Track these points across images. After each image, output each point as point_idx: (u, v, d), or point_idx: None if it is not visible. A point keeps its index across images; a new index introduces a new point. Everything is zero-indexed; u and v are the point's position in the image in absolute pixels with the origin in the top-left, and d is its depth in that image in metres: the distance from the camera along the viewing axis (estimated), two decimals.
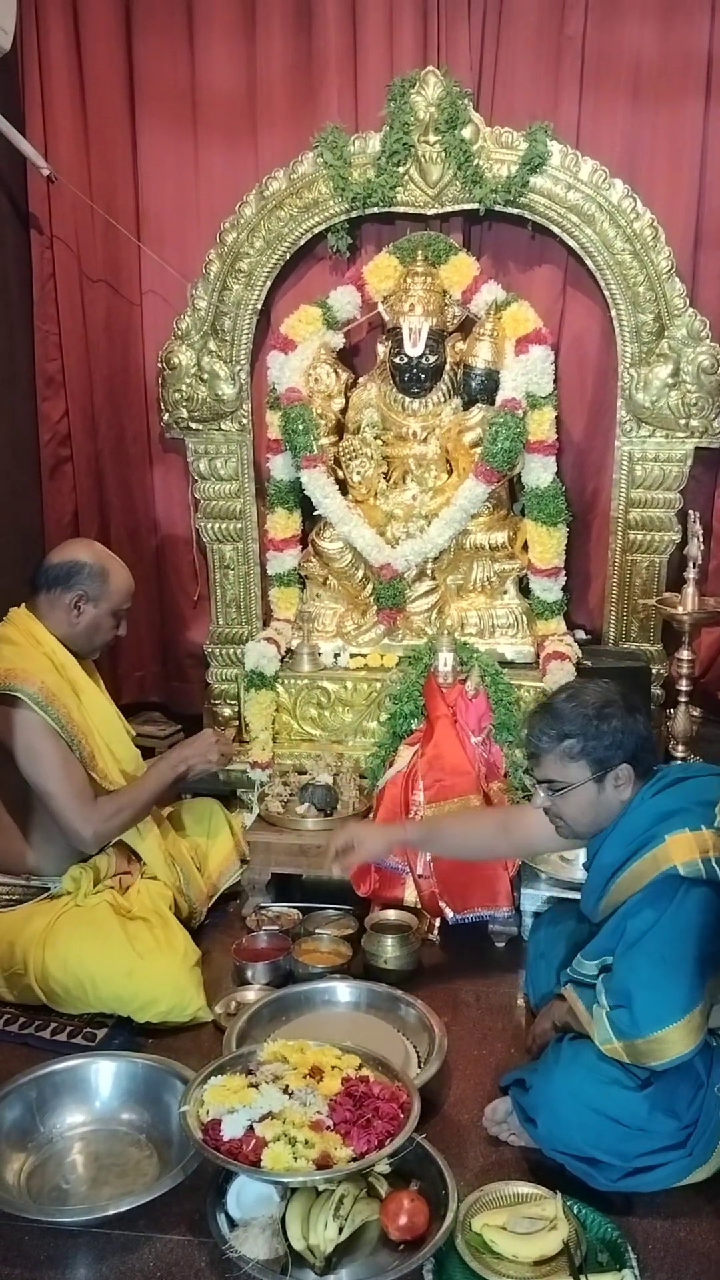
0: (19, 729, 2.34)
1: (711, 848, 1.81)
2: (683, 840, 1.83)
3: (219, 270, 3.25)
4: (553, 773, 1.97)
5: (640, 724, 1.97)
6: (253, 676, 3.14)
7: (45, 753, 2.34)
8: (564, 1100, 1.79)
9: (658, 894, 1.83)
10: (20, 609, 2.52)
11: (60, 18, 3.27)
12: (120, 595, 2.57)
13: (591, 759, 1.93)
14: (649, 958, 1.79)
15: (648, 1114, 1.77)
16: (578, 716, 1.95)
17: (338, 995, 2.31)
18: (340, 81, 3.22)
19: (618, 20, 3.08)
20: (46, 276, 3.43)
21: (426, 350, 3.17)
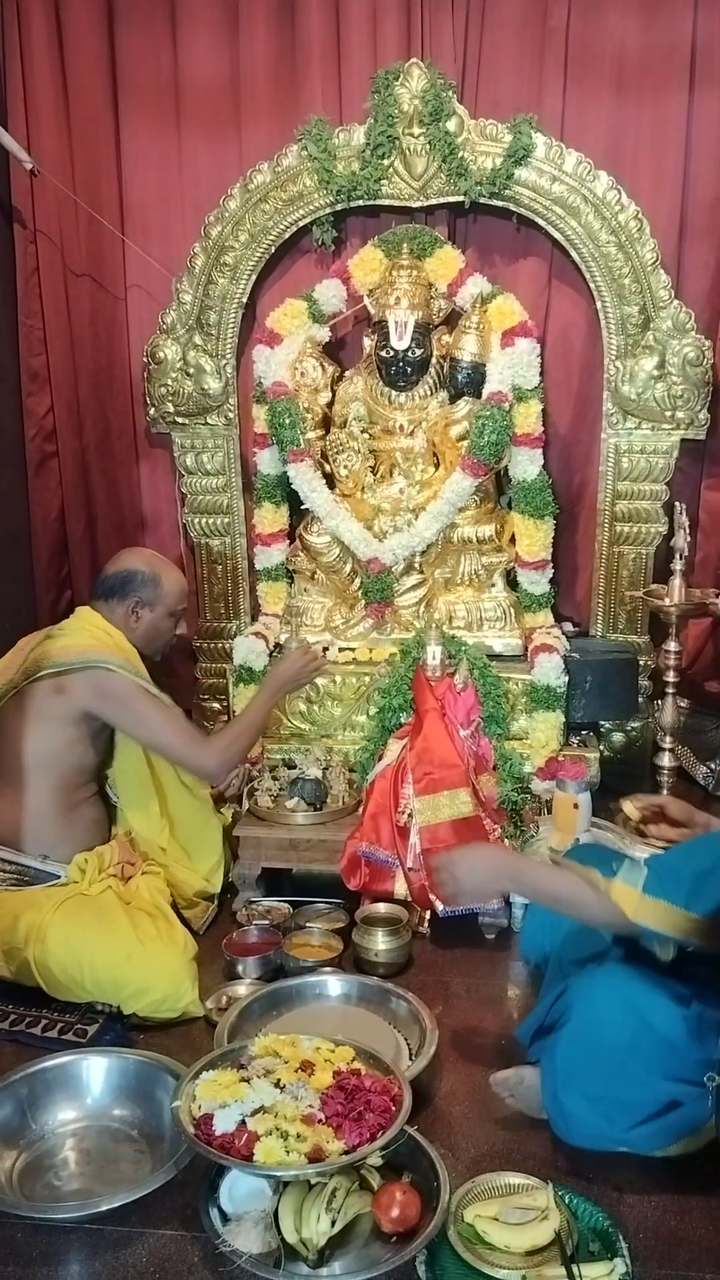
0: (118, 695, 2.46)
1: None
2: None
3: (204, 264, 3.24)
4: None
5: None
6: (241, 671, 3.14)
7: (146, 710, 2.48)
8: (604, 993, 1.80)
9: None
10: (85, 607, 2.65)
11: (42, 10, 3.24)
12: (174, 597, 2.70)
13: None
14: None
15: (686, 1032, 1.76)
16: None
17: (329, 989, 2.31)
18: (324, 74, 3.21)
19: (601, 12, 3.08)
20: (30, 271, 3.41)
21: (412, 344, 3.16)
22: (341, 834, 2.70)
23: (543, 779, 2.91)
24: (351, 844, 2.66)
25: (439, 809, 2.62)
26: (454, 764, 2.67)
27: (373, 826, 2.65)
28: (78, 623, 2.60)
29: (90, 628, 2.57)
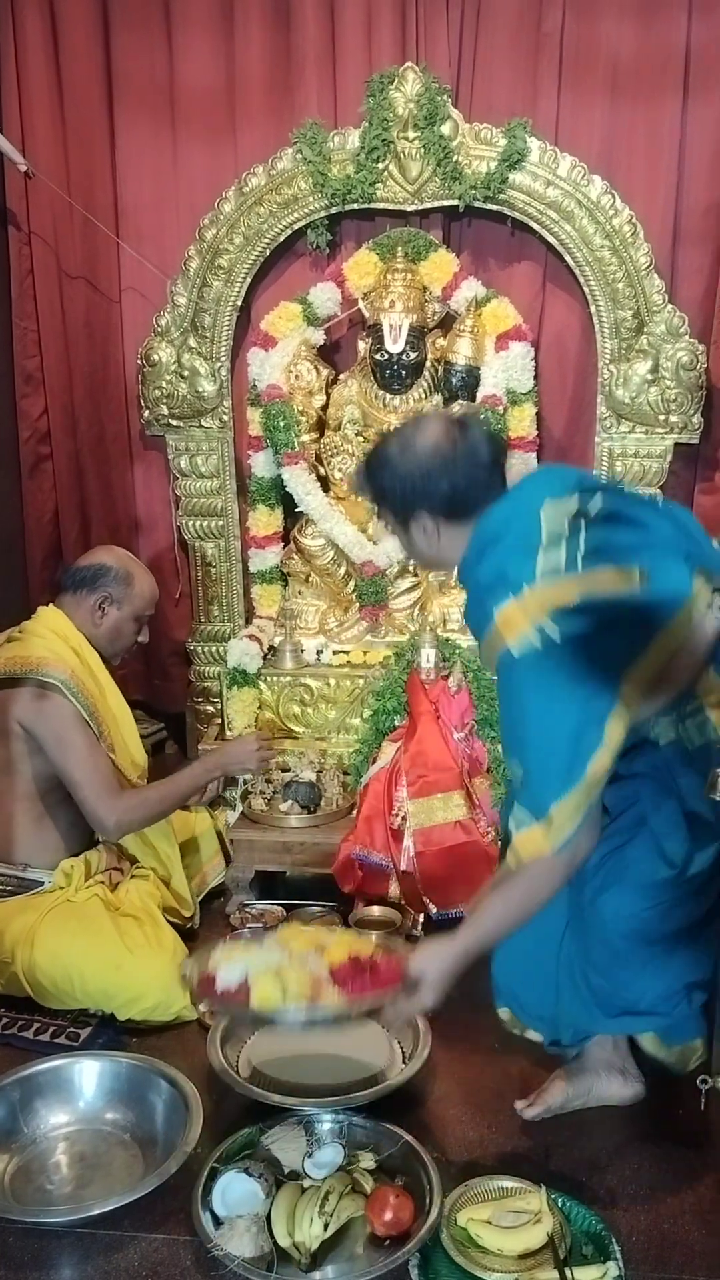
0: (49, 716, 2.38)
1: (537, 608, 1.66)
2: (508, 614, 1.69)
3: (199, 267, 3.24)
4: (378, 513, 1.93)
5: (457, 473, 1.78)
6: (235, 674, 3.14)
7: (74, 741, 2.39)
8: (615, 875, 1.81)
9: (504, 683, 1.74)
10: (48, 607, 2.58)
11: (37, 12, 3.24)
12: (143, 600, 2.64)
13: (389, 507, 1.85)
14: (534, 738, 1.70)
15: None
16: (382, 463, 1.83)
17: None
18: (319, 77, 3.21)
19: (596, 16, 3.08)
20: (25, 273, 3.41)
21: (407, 347, 3.16)
22: (335, 837, 2.70)
23: None
24: (345, 847, 2.66)
25: (433, 812, 2.62)
26: (448, 767, 2.67)
27: (367, 829, 2.65)
28: (36, 627, 2.53)
29: (48, 634, 2.50)
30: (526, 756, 1.73)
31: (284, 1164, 1.78)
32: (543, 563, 1.68)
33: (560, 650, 1.65)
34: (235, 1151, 1.82)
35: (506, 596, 1.68)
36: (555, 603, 1.66)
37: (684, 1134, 1.95)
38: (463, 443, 1.81)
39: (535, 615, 1.66)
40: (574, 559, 1.68)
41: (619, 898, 1.81)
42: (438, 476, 1.79)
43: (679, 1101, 2.01)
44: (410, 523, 1.84)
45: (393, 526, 1.90)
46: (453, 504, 1.80)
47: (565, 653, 1.65)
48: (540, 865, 1.70)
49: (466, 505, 1.80)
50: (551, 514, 1.73)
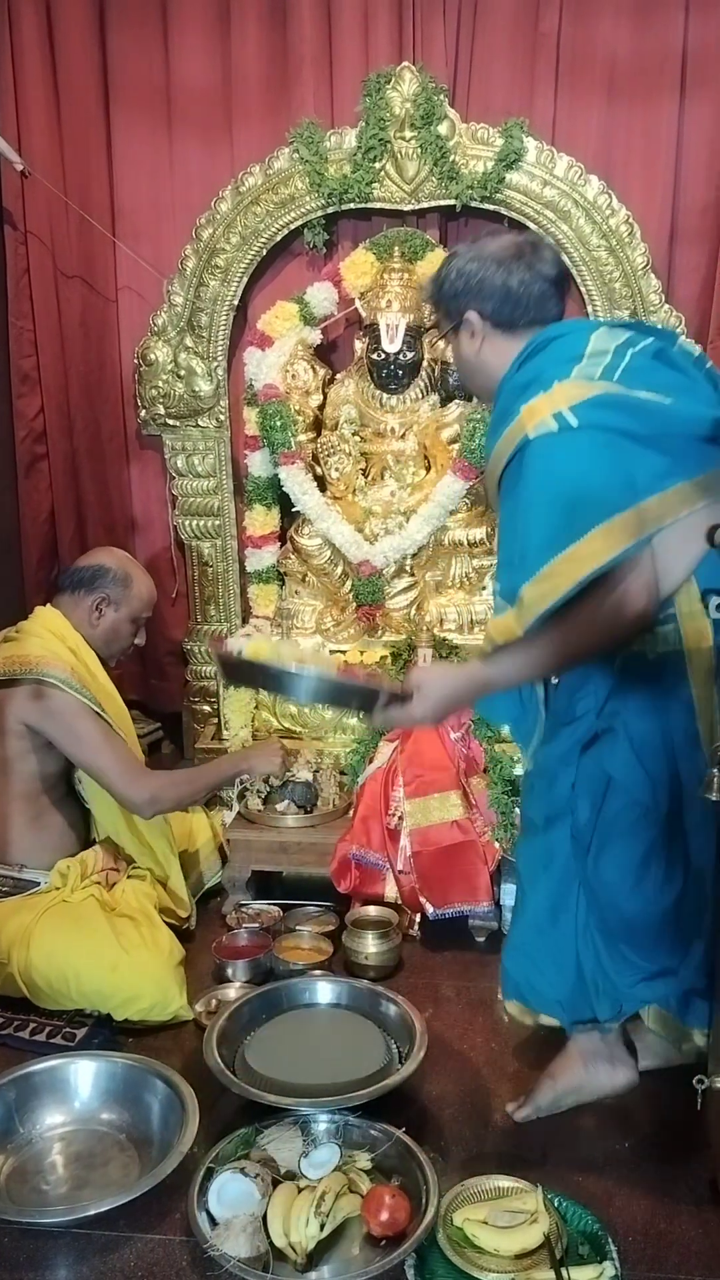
0: (56, 712, 2.38)
1: (563, 399, 1.65)
2: (534, 405, 1.67)
3: (195, 266, 3.24)
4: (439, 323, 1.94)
5: (515, 275, 1.79)
6: None
7: (86, 731, 2.40)
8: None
9: (510, 476, 1.72)
10: (46, 607, 2.58)
11: (33, 10, 3.24)
12: (141, 603, 2.64)
13: (442, 308, 1.87)
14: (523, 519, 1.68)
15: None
16: (450, 259, 1.86)
17: (318, 992, 2.30)
18: (316, 77, 3.21)
19: (593, 17, 3.09)
20: (21, 272, 3.41)
21: (404, 346, 3.17)
22: (332, 837, 2.70)
23: None
24: (342, 847, 2.65)
25: (429, 812, 2.62)
26: (445, 767, 2.67)
27: (363, 829, 2.65)
28: (33, 626, 2.53)
29: (44, 633, 2.50)
30: (514, 540, 1.71)
31: (280, 1164, 1.77)
32: (579, 369, 1.68)
33: (574, 436, 1.63)
34: (231, 1152, 1.81)
35: (536, 394, 1.68)
36: (581, 396, 1.65)
37: (680, 1134, 1.95)
38: (530, 253, 1.82)
39: (558, 404, 1.65)
40: (611, 371, 1.68)
41: (613, 857, 1.84)
42: (496, 272, 1.80)
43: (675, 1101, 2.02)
44: (460, 327, 1.85)
45: (449, 341, 1.93)
46: (504, 306, 1.80)
47: (579, 441, 1.63)
48: (578, 613, 1.64)
49: (518, 314, 1.80)
50: (601, 337, 1.74)
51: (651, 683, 1.78)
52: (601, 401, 1.66)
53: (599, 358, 1.70)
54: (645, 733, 1.80)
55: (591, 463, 1.64)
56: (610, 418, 1.65)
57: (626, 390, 1.68)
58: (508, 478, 1.76)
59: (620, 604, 1.64)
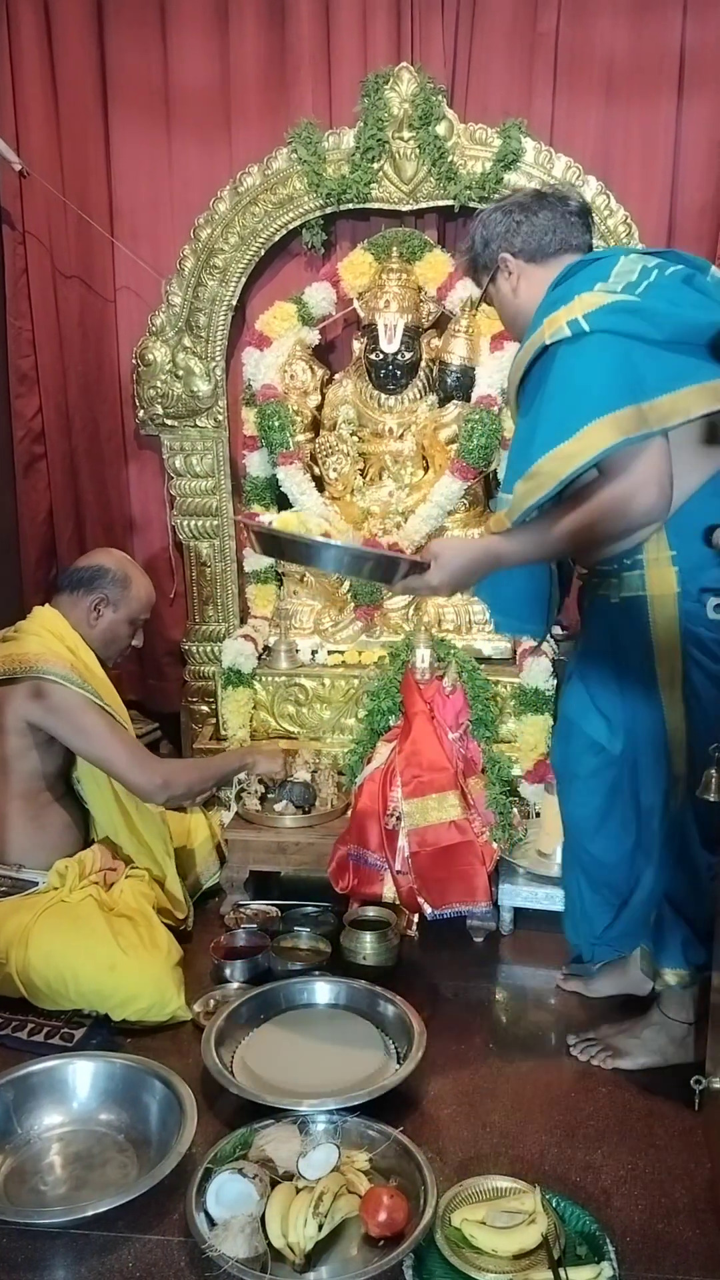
0: (60, 709, 2.39)
1: (580, 308, 1.72)
2: (554, 316, 1.76)
3: (193, 266, 3.24)
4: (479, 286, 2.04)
5: (540, 214, 1.92)
6: (230, 674, 3.14)
7: (92, 724, 2.40)
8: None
9: (534, 379, 1.80)
10: (44, 607, 2.58)
11: (31, 10, 3.24)
12: (139, 604, 2.65)
13: (479, 265, 1.99)
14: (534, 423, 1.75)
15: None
16: (480, 219, 1.98)
17: (316, 992, 2.31)
18: (314, 77, 3.21)
19: (591, 17, 3.09)
20: (19, 272, 3.40)
21: (402, 347, 3.17)
22: (330, 837, 2.70)
23: (531, 782, 2.92)
24: (340, 847, 2.65)
25: (427, 812, 2.62)
26: (443, 767, 2.66)
27: (361, 830, 2.65)
28: (31, 625, 2.52)
29: (43, 632, 2.50)
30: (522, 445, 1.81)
31: (278, 1164, 1.77)
32: (602, 285, 1.75)
33: (584, 340, 1.70)
34: (229, 1152, 1.81)
35: (558, 308, 1.75)
36: (596, 304, 1.72)
37: (678, 1134, 1.95)
38: (552, 194, 1.97)
39: (574, 312, 1.72)
40: (633, 287, 1.74)
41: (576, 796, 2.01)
42: (520, 214, 1.93)
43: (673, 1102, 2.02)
44: (498, 273, 1.97)
45: (492, 297, 2.03)
46: (532, 239, 1.92)
47: (588, 344, 1.70)
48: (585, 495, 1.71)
49: (546, 242, 1.92)
50: (631, 259, 1.81)
51: (613, 627, 1.86)
52: (615, 308, 1.71)
53: (624, 276, 1.77)
54: (601, 676, 1.90)
55: (595, 363, 1.70)
56: (622, 322, 1.70)
57: (644, 302, 1.73)
58: (525, 387, 1.84)
59: (630, 495, 1.68)
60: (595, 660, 1.94)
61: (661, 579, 1.78)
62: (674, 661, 1.81)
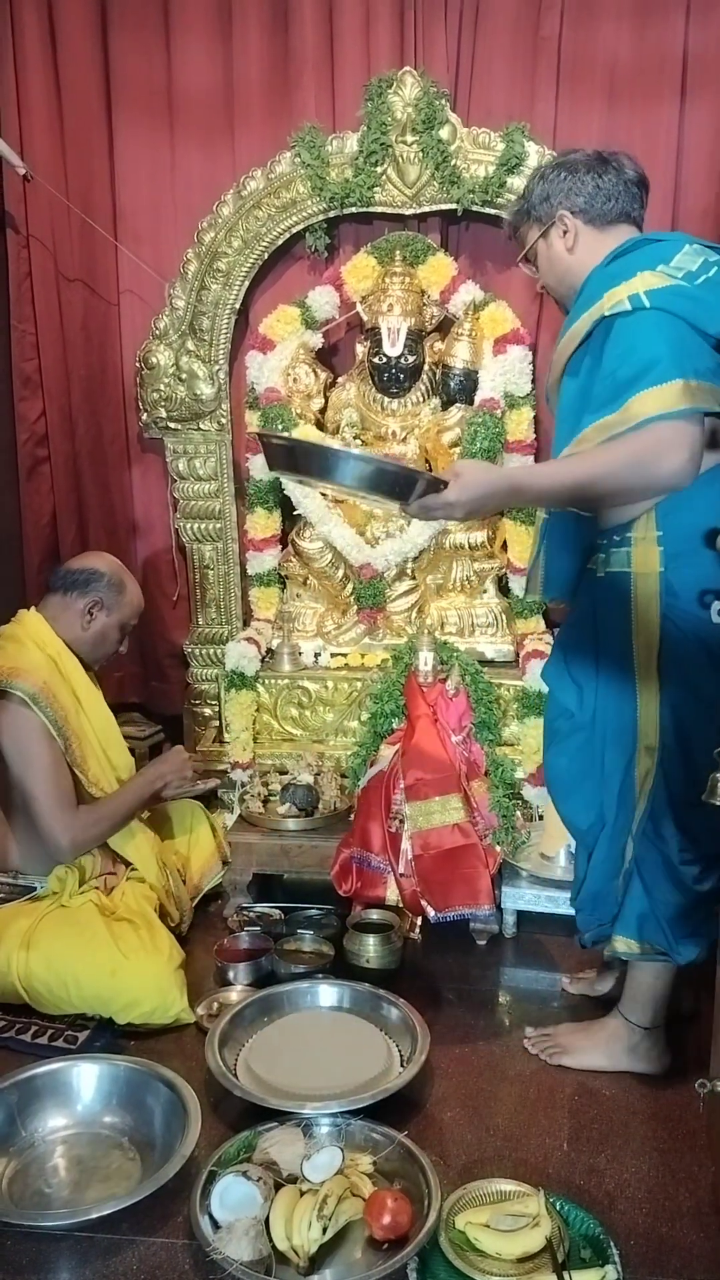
0: (12, 727, 2.35)
1: (640, 284, 1.75)
2: (614, 291, 1.78)
3: (197, 270, 3.24)
4: (524, 240, 2.05)
5: (604, 177, 1.94)
6: (233, 676, 3.14)
7: (36, 755, 2.36)
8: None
9: (591, 347, 1.82)
10: (30, 610, 2.56)
11: (35, 15, 3.25)
12: (131, 609, 2.64)
13: (530, 216, 2.01)
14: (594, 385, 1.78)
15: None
16: (538, 172, 2.02)
17: (320, 995, 2.31)
18: (317, 81, 3.22)
19: (593, 21, 3.10)
20: (23, 276, 3.41)
21: (405, 350, 3.17)
22: (333, 840, 2.70)
23: (534, 785, 2.93)
24: (343, 850, 2.65)
25: (430, 815, 2.62)
26: (446, 770, 2.66)
27: (364, 832, 2.65)
28: (15, 631, 2.49)
29: (26, 641, 2.46)
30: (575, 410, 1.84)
31: (282, 1167, 1.77)
32: (664, 267, 1.78)
33: (643, 315, 1.73)
34: (233, 1155, 1.81)
35: (619, 282, 1.78)
36: (658, 284, 1.75)
37: (682, 1137, 1.95)
38: (613, 160, 1.98)
39: (636, 288, 1.75)
40: (692, 278, 1.76)
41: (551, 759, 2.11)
42: (584, 174, 1.95)
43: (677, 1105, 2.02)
44: (552, 229, 1.97)
45: (536, 255, 2.03)
46: (594, 202, 1.94)
47: (647, 318, 1.72)
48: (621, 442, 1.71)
49: (608, 208, 1.95)
50: (693, 252, 1.82)
51: (596, 599, 1.92)
52: (676, 291, 1.75)
53: (684, 264, 1.79)
54: (580, 645, 1.99)
55: (652, 337, 1.72)
56: (680, 305, 1.73)
57: (701, 293, 1.76)
58: (579, 355, 1.86)
59: (660, 452, 1.68)
60: (576, 629, 2.03)
61: (646, 557, 1.84)
62: (651, 637, 1.86)
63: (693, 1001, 2.22)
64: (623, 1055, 2.12)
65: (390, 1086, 1.97)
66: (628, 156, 2.00)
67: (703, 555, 1.81)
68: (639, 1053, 2.11)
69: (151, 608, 3.69)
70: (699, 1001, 2.20)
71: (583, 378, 1.86)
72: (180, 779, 2.66)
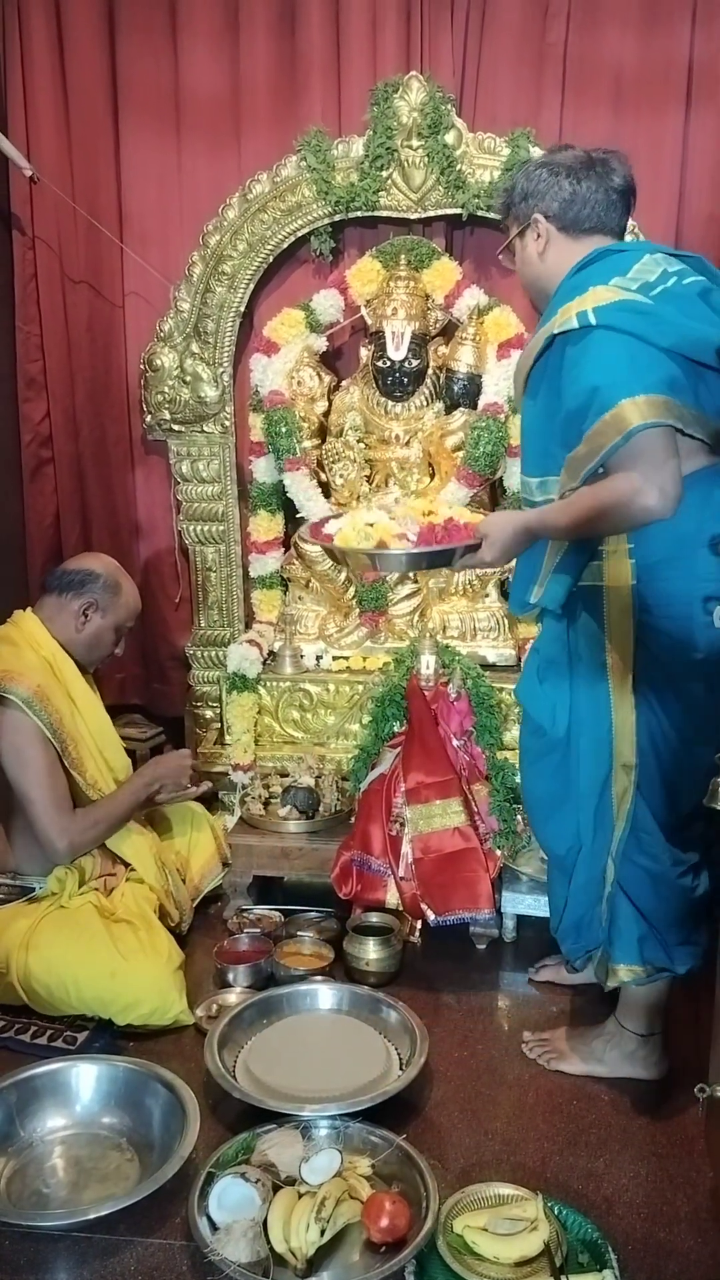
0: (8, 731, 2.35)
1: (594, 301, 1.73)
2: (568, 306, 1.76)
3: (202, 272, 3.25)
4: (507, 231, 2.04)
5: (584, 183, 1.89)
6: (235, 679, 3.14)
7: (31, 758, 2.35)
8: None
9: (545, 366, 1.83)
10: (26, 612, 2.55)
11: (43, 17, 3.26)
12: (126, 611, 2.62)
13: (510, 212, 1.99)
14: (559, 404, 1.77)
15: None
16: (524, 166, 1.99)
17: (319, 998, 2.31)
18: (324, 85, 3.22)
19: (599, 28, 3.10)
20: (28, 277, 3.42)
21: (409, 354, 3.18)
22: (333, 843, 2.70)
23: None
24: (343, 853, 2.66)
25: (431, 818, 2.62)
26: (447, 773, 2.67)
27: (365, 835, 2.65)
28: (11, 633, 2.49)
29: (22, 644, 2.46)
30: (541, 434, 1.89)
31: (280, 1169, 1.77)
32: (618, 280, 1.77)
33: (589, 333, 1.71)
34: (232, 1156, 1.82)
35: (573, 297, 1.78)
36: (606, 300, 1.73)
37: (680, 1143, 1.95)
38: (600, 164, 1.92)
39: (585, 305, 1.73)
40: (648, 289, 1.76)
41: (526, 781, 2.10)
42: (565, 178, 1.90)
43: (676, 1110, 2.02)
44: (528, 231, 1.95)
45: (514, 249, 2.01)
46: (569, 209, 1.90)
47: (592, 337, 1.70)
48: (597, 490, 1.69)
49: (582, 217, 1.90)
50: (654, 260, 1.82)
51: (569, 613, 1.93)
52: (624, 306, 1.72)
53: (643, 274, 1.78)
54: (554, 661, 1.99)
55: (599, 359, 1.70)
56: (627, 320, 1.70)
57: (655, 305, 1.74)
58: (534, 374, 1.87)
59: (631, 495, 1.65)
60: (549, 645, 2.02)
61: (618, 571, 1.83)
62: (625, 652, 1.86)
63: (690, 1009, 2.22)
64: (620, 1061, 2.12)
65: (389, 1089, 1.97)
66: (620, 160, 1.95)
67: (685, 564, 1.77)
68: (637, 1059, 2.11)
69: (153, 610, 3.70)
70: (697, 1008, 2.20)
71: (541, 401, 1.86)
72: (175, 784, 2.66)
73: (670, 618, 1.80)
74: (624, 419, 1.63)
